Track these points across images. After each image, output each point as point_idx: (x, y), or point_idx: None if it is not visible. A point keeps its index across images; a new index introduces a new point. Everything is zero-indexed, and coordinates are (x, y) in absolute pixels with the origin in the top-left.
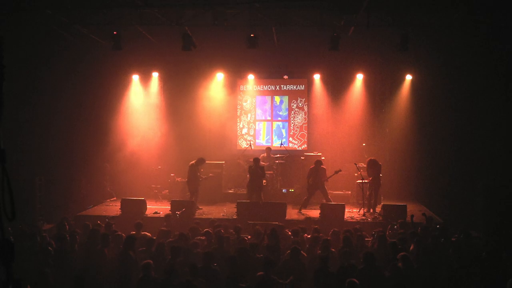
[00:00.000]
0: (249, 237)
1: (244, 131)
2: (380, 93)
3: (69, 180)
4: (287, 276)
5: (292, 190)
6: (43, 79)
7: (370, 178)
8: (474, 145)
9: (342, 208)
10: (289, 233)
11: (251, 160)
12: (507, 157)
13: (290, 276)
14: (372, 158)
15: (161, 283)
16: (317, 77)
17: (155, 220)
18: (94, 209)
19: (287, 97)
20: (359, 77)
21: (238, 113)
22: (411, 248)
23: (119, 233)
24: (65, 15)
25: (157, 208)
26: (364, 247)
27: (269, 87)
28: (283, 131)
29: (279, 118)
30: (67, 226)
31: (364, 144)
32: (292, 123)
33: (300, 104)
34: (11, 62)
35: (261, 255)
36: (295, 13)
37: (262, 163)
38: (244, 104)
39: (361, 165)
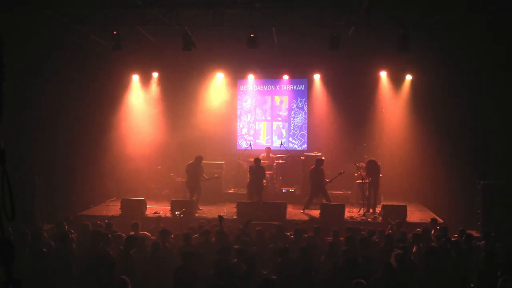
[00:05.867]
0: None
1: (244, 131)
2: (380, 93)
3: (69, 180)
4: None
5: (292, 190)
6: (43, 79)
7: (370, 178)
8: (474, 145)
9: (342, 208)
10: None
11: (251, 160)
12: (507, 157)
13: None
14: (372, 158)
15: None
16: (317, 77)
17: (155, 220)
18: (94, 209)
19: (287, 97)
20: (359, 77)
21: (238, 113)
22: (414, 249)
23: (119, 233)
24: (65, 15)
25: (157, 208)
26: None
27: (269, 87)
28: (283, 131)
29: (279, 118)
30: (66, 226)
31: (364, 144)
32: (292, 123)
33: (300, 104)
34: (11, 62)
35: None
36: (295, 13)
37: (262, 161)
38: (244, 104)
39: (361, 165)
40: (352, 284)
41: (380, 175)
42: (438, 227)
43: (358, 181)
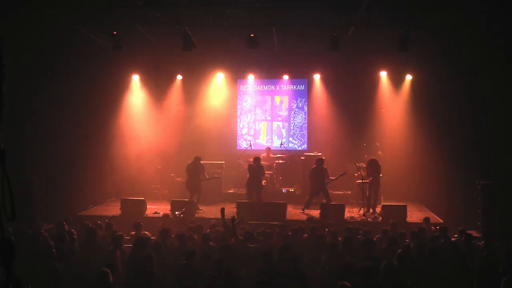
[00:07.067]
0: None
1: (244, 131)
2: (380, 93)
3: (69, 180)
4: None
5: (292, 190)
6: (43, 79)
7: (370, 178)
8: (474, 144)
9: (342, 208)
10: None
11: (251, 160)
12: (507, 157)
13: None
14: (372, 158)
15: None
16: (317, 77)
17: (155, 220)
18: (94, 209)
19: (287, 97)
20: (359, 77)
21: (238, 113)
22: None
23: (119, 233)
24: (65, 15)
25: (157, 208)
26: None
27: (269, 87)
28: (283, 131)
29: (279, 118)
30: (66, 226)
31: (364, 144)
32: (292, 123)
33: (300, 104)
34: (11, 62)
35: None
36: (295, 13)
37: (262, 161)
38: (244, 104)
39: (361, 165)
40: (337, 285)
41: (381, 175)
42: (433, 227)
43: (358, 181)
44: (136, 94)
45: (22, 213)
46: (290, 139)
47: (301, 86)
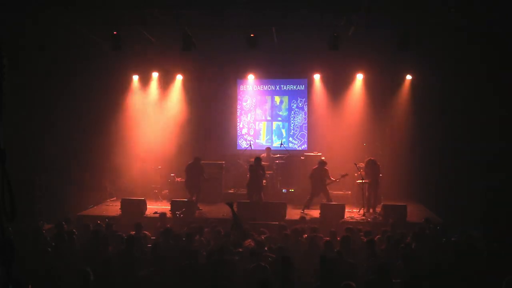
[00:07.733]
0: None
1: (244, 131)
2: (380, 93)
3: (69, 180)
4: None
5: (292, 190)
6: (43, 78)
7: (370, 179)
8: (474, 144)
9: (342, 208)
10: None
11: (252, 160)
12: (507, 157)
13: None
14: (371, 158)
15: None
16: (317, 77)
17: (155, 220)
18: (94, 209)
19: (287, 97)
20: (359, 77)
21: (238, 113)
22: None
23: (119, 233)
24: (65, 15)
25: (157, 208)
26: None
27: (269, 87)
28: (283, 131)
29: (279, 118)
30: (66, 226)
31: (364, 144)
32: (292, 123)
33: (300, 104)
34: (11, 62)
35: None
36: (295, 13)
37: (262, 162)
38: (244, 104)
39: (361, 165)
40: (341, 285)
41: (380, 175)
42: (431, 225)
43: (358, 181)
44: (136, 94)
45: (22, 213)
46: (290, 139)
47: (301, 86)
